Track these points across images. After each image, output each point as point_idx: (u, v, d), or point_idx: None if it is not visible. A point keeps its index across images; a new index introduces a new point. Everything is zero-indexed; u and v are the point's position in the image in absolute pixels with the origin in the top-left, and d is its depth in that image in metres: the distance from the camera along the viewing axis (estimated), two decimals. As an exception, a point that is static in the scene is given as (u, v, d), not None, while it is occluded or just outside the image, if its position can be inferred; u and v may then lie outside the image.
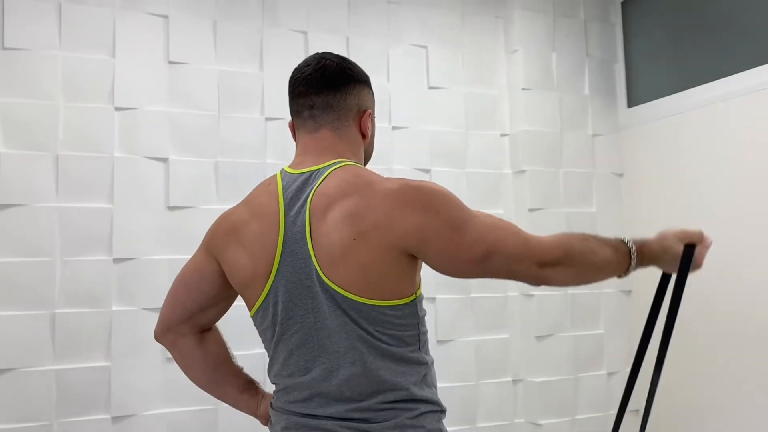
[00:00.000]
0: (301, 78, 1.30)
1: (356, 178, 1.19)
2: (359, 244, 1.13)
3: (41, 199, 2.32)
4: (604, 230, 3.04)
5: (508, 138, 3.07)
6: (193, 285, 1.35)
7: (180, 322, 1.36)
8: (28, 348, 2.26)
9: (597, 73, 3.19)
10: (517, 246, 1.15)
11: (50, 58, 2.37)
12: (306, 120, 1.30)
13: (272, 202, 1.24)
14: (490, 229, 1.15)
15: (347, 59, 1.34)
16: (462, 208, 1.17)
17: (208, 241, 1.34)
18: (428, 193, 1.16)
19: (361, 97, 1.31)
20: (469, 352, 2.87)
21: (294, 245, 1.19)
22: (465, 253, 1.14)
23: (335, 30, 2.79)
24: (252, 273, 1.23)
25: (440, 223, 1.13)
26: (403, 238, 1.13)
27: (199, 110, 2.55)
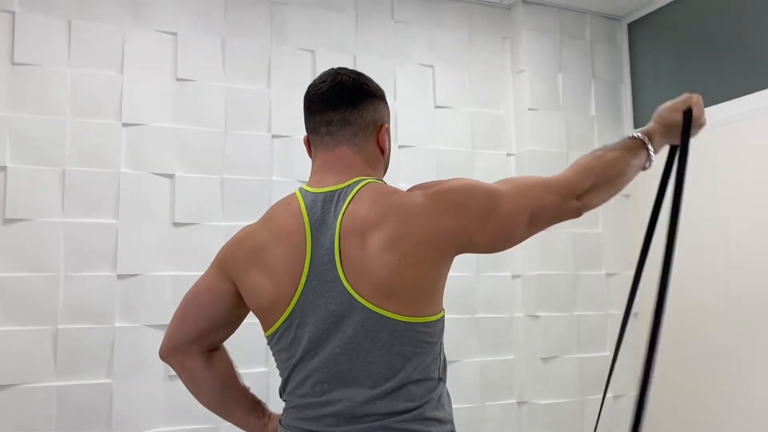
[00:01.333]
0: (317, 94, 1.29)
1: (386, 199, 1.18)
2: (404, 262, 1.13)
3: (47, 213, 2.31)
4: (611, 252, 3.07)
5: (515, 158, 3.07)
6: (206, 304, 1.32)
7: (189, 341, 1.33)
8: (30, 364, 2.24)
9: (603, 94, 3.19)
10: (550, 197, 1.21)
11: (59, 73, 2.38)
12: (323, 137, 1.29)
13: (296, 223, 1.21)
14: (519, 195, 1.20)
15: (363, 74, 1.32)
16: (486, 190, 1.19)
17: (223, 260, 1.31)
18: (452, 194, 1.18)
19: (378, 111, 1.30)
20: (473, 373, 2.84)
21: (321, 267, 1.17)
22: (509, 229, 1.19)
23: (342, 48, 2.80)
24: (274, 297, 1.21)
25: (476, 216, 1.16)
26: (448, 246, 1.16)
27: (206, 127, 2.56)
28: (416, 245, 1.14)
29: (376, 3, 2.89)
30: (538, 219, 1.21)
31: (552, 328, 2.92)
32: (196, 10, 2.60)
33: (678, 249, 1.38)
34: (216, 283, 1.31)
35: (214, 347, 1.37)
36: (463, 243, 1.18)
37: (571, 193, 1.24)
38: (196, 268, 2.43)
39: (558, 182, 1.24)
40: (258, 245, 1.24)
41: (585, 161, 1.29)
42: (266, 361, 2.50)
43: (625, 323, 1.54)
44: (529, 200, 1.20)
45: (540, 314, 2.91)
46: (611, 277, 3.08)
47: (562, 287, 2.96)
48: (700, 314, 2.76)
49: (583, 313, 2.99)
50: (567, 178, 1.25)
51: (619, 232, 3.13)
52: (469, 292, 2.88)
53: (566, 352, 2.94)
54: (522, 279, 2.99)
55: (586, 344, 2.98)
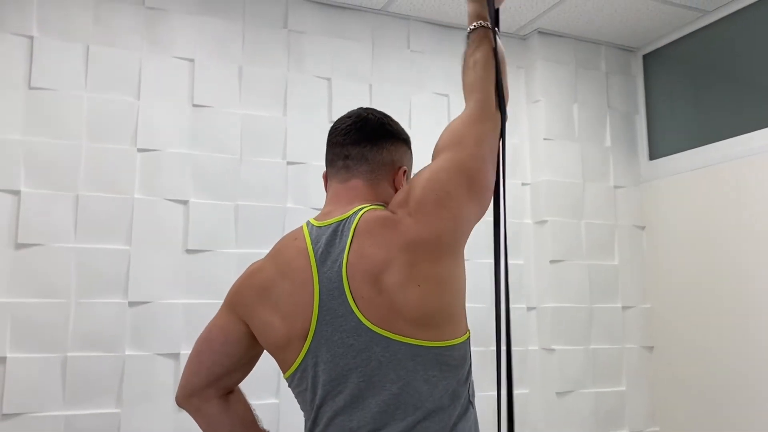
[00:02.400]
0: (340, 129, 1.29)
1: (385, 231, 1.16)
2: (426, 285, 1.12)
3: (59, 239, 2.29)
4: (626, 284, 3.03)
5: (530, 187, 3.04)
6: (219, 347, 1.28)
7: (205, 386, 1.29)
8: (38, 392, 2.20)
9: (618, 125, 3.18)
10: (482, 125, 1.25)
11: (75, 98, 2.37)
12: (339, 170, 1.28)
13: (301, 259, 1.20)
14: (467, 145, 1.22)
15: (389, 117, 1.33)
16: (446, 168, 1.20)
17: (233, 300, 1.29)
18: (429, 194, 1.16)
19: (398, 153, 1.30)
20: (488, 407, 2.77)
21: (332, 302, 1.14)
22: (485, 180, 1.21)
23: (359, 77, 2.79)
24: (287, 335, 1.18)
25: (458, 196, 1.16)
26: (455, 238, 1.16)
27: (221, 153, 2.54)
28: (428, 263, 1.13)
29: (392, 32, 2.89)
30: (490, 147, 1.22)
31: (567, 362, 2.87)
32: (213, 36, 2.60)
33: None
34: (228, 325, 1.29)
35: (230, 390, 1.34)
36: (464, 223, 1.18)
37: (490, 111, 1.25)
38: (209, 296, 2.41)
39: (478, 112, 1.25)
40: (266, 282, 1.23)
41: (472, 81, 1.30)
42: (277, 392, 2.45)
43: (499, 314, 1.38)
44: (477, 142, 1.21)
45: (555, 347, 2.85)
46: (627, 310, 3.04)
47: (577, 320, 2.92)
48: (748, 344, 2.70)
49: (598, 346, 2.94)
50: (480, 104, 1.26)
51: (635, 264, 3.09)
52: (484, 324, 2.82)
53: (582, 387, 2.88)
54: (537, 311, 2.94)
55: (601, 378, 2.92)
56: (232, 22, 2.63)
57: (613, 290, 3.02)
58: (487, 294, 2.84)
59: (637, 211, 3.14)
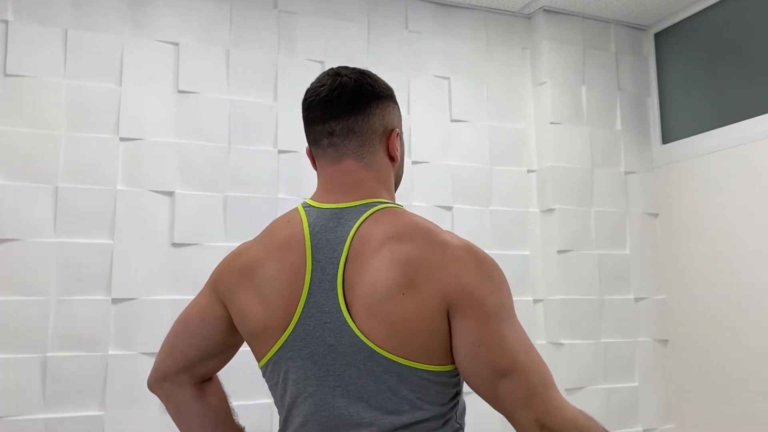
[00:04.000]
0: (316, 101, 1.13)
1: (409, 225, 1.04)
2: (407, 298, 0.98)
3: (38, 233, 2.18)
4: (639, 274, 2.89)
5: (536, 174, 2.91)
6: (196, 330, 1.18)
7: (179, 371, 1.19)
8: (17, 394, 2.10)
9: (629, 108, 3.03)
10: (536, 383, 0.97)
11: (54, 85, 2.26)
12: (326, 149, 1.14)
13: (296, 241, 1.07)
14: (525, 349, 0.99)
15: (367, 72, 1.17)
16: (511, 307, 1.03)
17: (215, 280, 1.17)
18: (489, 265, 1.03)
19: (387, 115, 1.14)
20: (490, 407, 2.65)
21: (321, 295, 1.03)
22: (489, 355, 0.98)
23: (353, 60, 2.66)
24: (264, 322, 1.07)
25: (492, 299, 1.00)
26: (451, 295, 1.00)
27: (208, 142, 2.42)
28: (426, 280, 0.99)
29: (389, 12, 2.75)
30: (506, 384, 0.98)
31: (576, 357, 2.73)
32: (199, 19, 2.47)
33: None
34: (208, 306, 1.17)
35: (206, 378, 1.23)
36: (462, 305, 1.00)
37: (547, 412, 0.96)
38: (197, 292, 2.28)
39: (553, 391, 0.98)
40: (252, 263, 1.11)
41: (592, 423, 1.00)
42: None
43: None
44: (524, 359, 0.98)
45: (564, 342, 2.72)
46: (640, 302, 2.89)
47: (587, 313, 2.78)
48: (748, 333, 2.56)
49: (609, 340, 2.80)
50: (561, 402, 0.98)
51: (648, 254, 2.95)
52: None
53: (592, 383, 2.74)
54: (544, 304, 2.80)
55: (613, 374, 2.79)
56: (219, 3, 2.50)
57: (624, 281, 2.88)
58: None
59: (650, 197, 2.99)
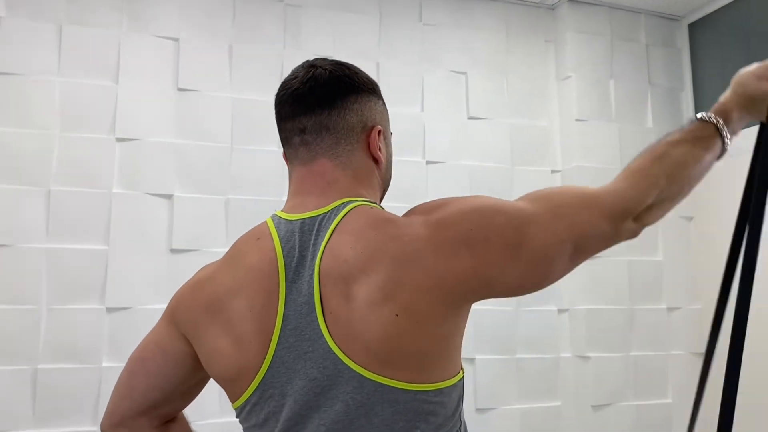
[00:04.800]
0: (287, 95, 1.00)
1: (376, 231, 0.89)
2: (403, 318, 0.85)
3: (28, 239, 2.08)
4: (671, 281, 2.69)
5: (560, 175, 2.73)
6: (155, 369, 1.03)
7: (137, 414, 1.04)
8: (5, 409, 2.00)
9: (661, 103, 2.84)
10: (598, 221, 0.92)
11: (47, 83, 2.16)
12: (297, 148, 1.00)
13: (266, 264, 0.93)
14: (556, 218, 0.90)
15: (346, 64, 1.03)
16: (511, 214, 0.89)
17: (175, 312, 1.02)
18: (465, 222, 0.88)
19: (366, 110, 1.00)
20: (513, 422, 2.48)
21: (299, 321, 0.89)
22: (545, 265, 0.89)
23: (364, 54, 2.52)
24: (237, 365, 0.92)
25: (499, 252, 0.87)
26: (462, 293, 0.87)
27: (209, 142, 2.31)
28: (418, 294, 0.85)
29: (402, 3, 2.60)
30: (583, 250, 0.91)
31: (604, 371, 2.55)
32: (200, 12, 2.35)
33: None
34: (167, 341, 1.02)
35: (170, 418, 1.08)
36: (481, 287, 0.88)
37: (627, 213, 0.93)
38: (195, 301, 2.17)
39: (608, 198, 0.93)
40: (218, 294, 0.95)
41: (642, 164, 0.99)
42: None
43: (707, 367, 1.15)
44: (569, 226, 0.90)
45: (590, 355, 2.53)
46: (673, 312, 2.69)
47: (616, 324, 2.59)
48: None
49: (640, 353, 2.61)
50: (621, 193, 0.94)
51: (682, 260, 2.74)
52: (508, 329, 2.53)
53: (621, 399, 2.56)
54: (569, 314, 2.62)
55: (644, 390, 2.60)
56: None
57: (656, 290, 2.69)
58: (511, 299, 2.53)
59: (685, 200, 2.78)
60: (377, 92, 1.04)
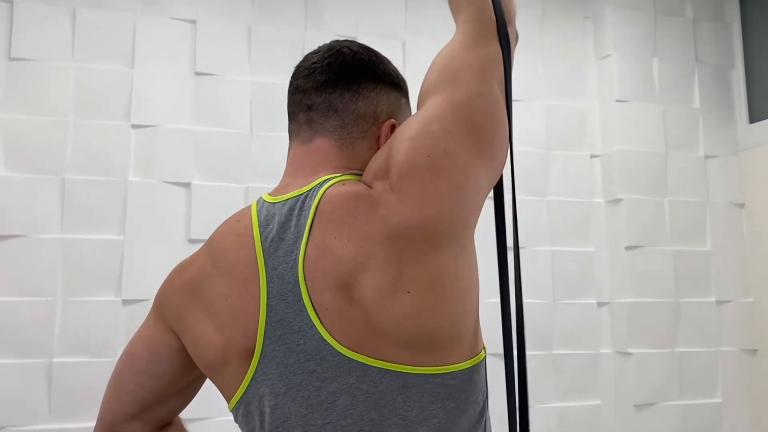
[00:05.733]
0: (303, 69, 0.94)
1: (354, 215, 0.81)
2: (417, 298, 0.78)
3: (43, 229, 2.03)
4: (721, 274, 2.52)
5: (600, 160, 2.58)
6: (144, 367, 0.95)
7: (128, 418, 0.97)
8: (20, 403, 1.95)
9: (710, 82, 2.66)
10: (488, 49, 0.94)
11: (61, 69, 2.11)
12: (300, 126, 0.93)
13: (243, 247, 0.87)
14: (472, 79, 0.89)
15: (376, 52, 0.96)
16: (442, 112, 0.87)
17: (159, 304, 0.96)
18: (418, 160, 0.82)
19: (383, 102, 0.93)
20: (549, 422, 2.36)
21: (286, 311, 0.82)
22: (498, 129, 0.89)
23: (389, 33, 2.41)
24: (223, 352, 0.85)
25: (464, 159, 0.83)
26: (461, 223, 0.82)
27: (228, 128, 2.23)
28: (422, 261, 0.79)
29: (429, -20, 2.47)
30: (499, 84, 0.91)
31: (648, 368, 2.40)
32: (218, -7, 2.27)
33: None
34: (155, 336, 0.95)
35: (164, 422, 1.00)
36: (473, 199, 0.84)
37: (490, 29, 0.96)
38: (214, 293, 2.10)
39: (473, 33, 0.95)
40: (197, 277, 0.91)
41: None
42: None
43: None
44: (478, 77, 0.89)
45: (632, 351, 2.39)
46: (723, 306, 2.52)
47: (660, 318, 2.43)
48: None
49: (687, 349, 2.45)
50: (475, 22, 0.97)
51: (733, 250, 2.57)
52: (545, 323, 2.40)
53: (666, 398, 2.40)
54: (610, 307, 2.47)
55: (691, 388, 2.44)
56: (240, -24, 2.29)
57: (704, 282, 2.52)
58: (547, 287, 2.40)
59: (734, 185, 2.61)
60: (403, 89, 0.97)
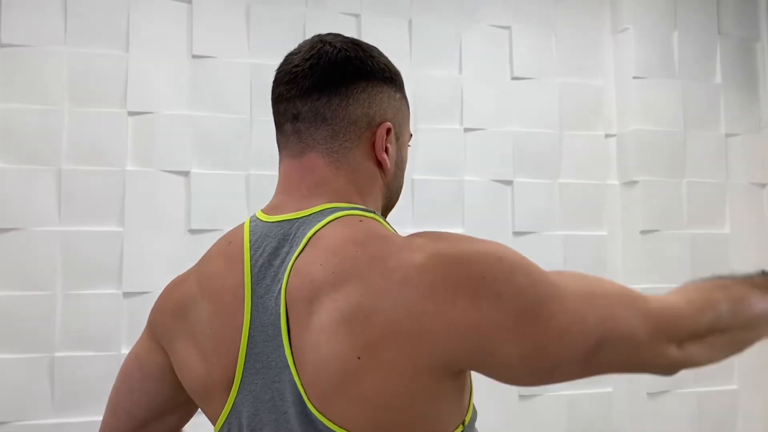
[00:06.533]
0: (284, 74, 0.85)
1: (358, 248, 0.73)
2: (367, 363, 0.69)
3: (41, 221, 1.99)
4: (739, 258, 2.43)
5: (615, 140, 2.48)
6: (138, 385, 0.94)
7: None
8: (24, 398, 1.94)
9: (732, 56, 2.54)
10: (635, 323, 0.71)
11: (54, 54, 2.04)
12: (288, 137, 0.85)
13: (231, 272, 0.82)
14: (588, 303, 0.71)
15: (362, 45, 0.86)
16: (533, 276, 0.70)
17: (152, 321, 0.94)
18: (477, 266, 0.69)
19: (376, 103, 0.84)
20: (560, 409, 2.31)
21: (266, 344, 0.76)
22: (556, 354, 0.69)
23: (394, 11, 2.30)
24: (205, 381, 0.82)
25: (506, 314, 0.68)
26: (443, 351, 0.69)
27: (227, 113, 2.15)
28: (390, 337, 0.68)
29: (436, -48, 2.35)
30: (605, 354, 0.70)
31: (662, 356, 2.33)
32: (214, -29, 2.17)
33: None
34: (147, 355, 0.93)
35: None
36: (474, 353, 0.69)
37: (673, 330, 0.73)
38: (216, 285, 2.06)
39: (656, 304, 0.74)
40: (185, 301, 0.87)
41: (701, 287, 0.81)
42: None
43: None
44: (601, 318, 0.70)
45: (646, 338, 2.32)
46: (741, 290, 2.43)
47: (675, 304, 2.36)
48: None
49: (703, 336, 2.37)
50: (671, 304, 0.75)
51: (754, 233, 2.48)
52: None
53: (679, 386, 2.35)
54: (623, 293, 2.40)
55: (705, 376, 2.37)
56: (238, -48, 2.20)
57: (722, 266, 2.43)
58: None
59: (756, 165, 2.51)
60: (396, 83, 0.87)
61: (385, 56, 0.88)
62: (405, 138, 0.89)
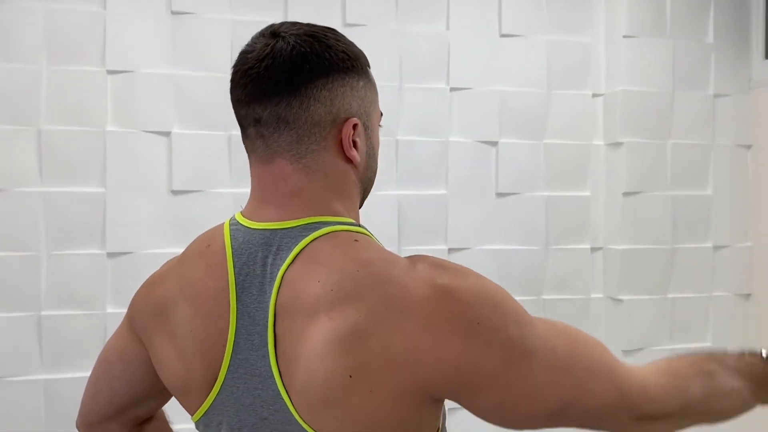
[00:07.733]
0: (239, 74, 0.83)
1: (359, 268, 0.74)
2: (358, 382, 0.71)
3: (22, 182, 1.99)
4: (721, 218, 2.45)
5: (602, 99, 2.44)
6: (118, 374, 0.97)
7: (104, 419, 0.99)
8: (13, 355, 1.98)
9: (725, 13, 2.47)
10: (607, 394, 0.77)
11: (28, 10, 1.98)
12: (254, 141, 0.84)
13: (212, 278, 0.82)
14: (567, 367, 0.75)
15: (317, 35, 0.81)
16: (525, 332, 0.74)
17: (131, 315, 0.95)
18: (473, 311, 0.72)
19: (339, 99, 0.81)
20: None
21: (250, 353, 0.78)
22: (523, 409, 0.74)
23: (379, -35, 2.22)
24: (183, 380, 0.84)
25: (492, 362, 0.72)
26: (430, 381, 0.72)
27: (209, 72, 2.11)
28: (383, 361, 0.71)
29: None
30: (571, 418, 0.76)
31: (638, 315, 2.38)
32: None
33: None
34: (127, 346, 0.95)
35: (144, 419, 1.03)
36: (459, 388, 0.74)
37: (639, 412, 0.78)
38: (198, 246, 2.07)
39: (628, 382, 0.77)
40: (164, 301, 0.87)
41: (687, 374, 0.84)
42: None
43: None
44: (573, 384, 0.74)
45: (624, 298, 2.37)
46: (720, 251, 2.47)
47: (653, 264, 2.39)
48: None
49: (677, 295, 2.42)
50: (643, 385, 0.78)
51: (736, 194, 2.48)
52: (536, 268, 2.36)
53: (655, 344, 2.40)
54: (604, 253, 2.43)
55: (680, 334, 2.43)
56: None
57: (702, 227, 2.45)
58: (540, 231, 2.35)
59: (743, 125, 2.48)
60: (358, 68, 0.83)
61: (344, 39, 0.84)
62: (374, 122, 0.87)
